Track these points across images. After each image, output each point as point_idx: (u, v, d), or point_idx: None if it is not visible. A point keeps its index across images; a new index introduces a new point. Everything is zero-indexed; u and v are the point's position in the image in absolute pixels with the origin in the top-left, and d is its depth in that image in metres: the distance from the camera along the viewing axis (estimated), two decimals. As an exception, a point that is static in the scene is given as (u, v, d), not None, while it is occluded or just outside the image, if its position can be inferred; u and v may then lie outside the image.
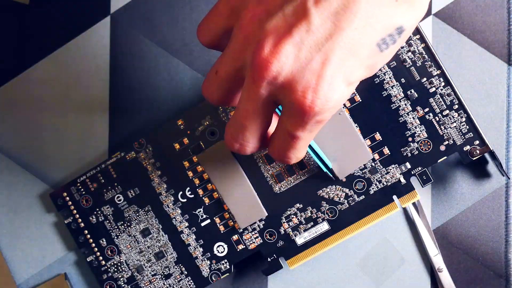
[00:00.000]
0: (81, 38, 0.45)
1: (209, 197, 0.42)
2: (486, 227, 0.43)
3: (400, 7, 0.30)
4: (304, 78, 0.29)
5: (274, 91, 0.30)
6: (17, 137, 0.45)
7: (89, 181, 0.43)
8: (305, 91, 0.29)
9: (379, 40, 0.30)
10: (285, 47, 0.29)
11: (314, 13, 0.29)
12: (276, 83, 0.30)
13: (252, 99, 0.31)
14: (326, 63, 0.29)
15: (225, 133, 0.33)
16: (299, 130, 0.31)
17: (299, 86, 0.30)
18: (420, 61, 0.40)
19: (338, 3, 0.29)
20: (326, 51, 0.29)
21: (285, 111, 0.31)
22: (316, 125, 0.31)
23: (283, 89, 0.30)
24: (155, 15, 0.44)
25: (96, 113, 0.45)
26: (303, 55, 0.29)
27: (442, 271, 0.43)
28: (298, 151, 0.33)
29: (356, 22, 0.29)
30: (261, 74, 0.29)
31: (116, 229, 0.43)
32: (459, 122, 0.40)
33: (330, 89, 0.30)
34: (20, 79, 0.45)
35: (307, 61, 0.29)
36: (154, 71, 0.44)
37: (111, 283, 0.43)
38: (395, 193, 0.41)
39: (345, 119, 0.40)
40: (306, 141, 0.32)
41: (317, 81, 0.29)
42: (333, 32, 0.29)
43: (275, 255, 0.42)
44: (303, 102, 0.30)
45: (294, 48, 0.29)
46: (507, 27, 0.43)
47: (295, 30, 0.29)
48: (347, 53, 0.29)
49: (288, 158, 0.33)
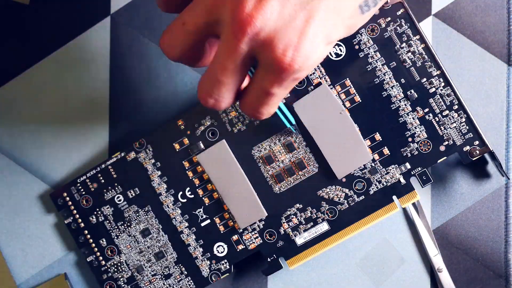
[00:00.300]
0: (81, 39, 0.45)
1: (209, 197, 0.42)
2: (486, 227, 0.43)
3: None
4: (287, 35, 0.29)
5: (254, 47, 0.30)
6: (17, 137, 0.45)
7: (89, 181, 0.43)
8: (286, 49, 0.29)
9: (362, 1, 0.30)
10: (269, 2, 0.28)
11: None
12: (257, 39, 0.29)
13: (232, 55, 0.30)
14: (310, 21, 0.29)
15: (198, 88, 0.32)
16: (275, 86, 0.31)
17: (280, 43, 0.29)
18: (420, 61, 0.40)
19: None
20: (311, 9, 0.29)
21: (263, 67, 0.30)
22: (293, 82, 0.31)
23: (264, 45, 0.29)
24: (155, 15, 0.44)
25: (96, 113, 0.45)
26: (287, 12, 0.29)
27: (442, 271, 0.43)
28: (271, 107, 0.32)
29: None
30: (243, 30, 0.29)
31: (116, 229, 0.43)
32: (459, 123, 0.40)
33: (311, 47, 0.29)
34: (20, 79, 0.45)
35: (290, 18, 0.29)
36: (154, 71, 0.45)
37: (111, 283, 0.43)
38: (395, 193, 0.41)
39: (346, 119, 0.40)
40: (280, 98, 0.32)
41: (299, 39, 0.29)
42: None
43: (275, 255, 0.42)
44: (282, 60, 0.29)
45: (278, 4, 0.29)
46: (507, 28, 0.43)
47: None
48: (331, 12, 0.29)
49: (260, 114, 0.33)
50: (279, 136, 0.41)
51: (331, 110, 0.40)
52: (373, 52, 0.41)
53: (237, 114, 0.42)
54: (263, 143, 0.42)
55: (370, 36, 0.40)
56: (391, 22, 0.40)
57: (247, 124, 0.42)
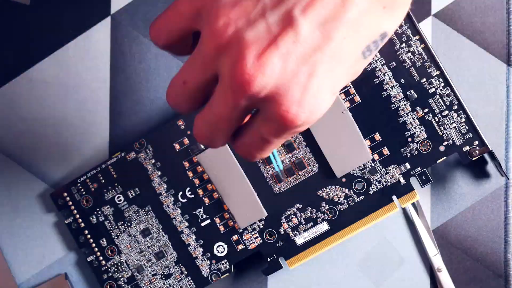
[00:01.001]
0: (81, 39, 0.45)
1: (209, 197, 0.43)
2: (486, 227, 0.43)
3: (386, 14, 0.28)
4: (289, 91, 0.28)
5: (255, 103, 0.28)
6: (17, 137, 0.45)
7: (89, 181, 0.43)
8: (290, 105, 0.28)
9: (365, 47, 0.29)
10: (270, 59, 0.27)
11: (302, 22, 0.27)
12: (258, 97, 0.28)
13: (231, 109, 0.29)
14: (313, 75, 0.28)
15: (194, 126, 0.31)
16: (274, 137, 0.29)
17: (283, 100, 0.28)
18: (420, 61, 0.40)
19: (326, 11, 0.27)
20: (314, 63, 0.27)
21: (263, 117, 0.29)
22: (294, 134, 0.29)
23: (265, 101, 0.28)
24: (155, 15, 0.44)
25: (96, 113, 0.45)
26: (289, 68, 0.27)
27: (442, 271, 0.43)
28: (265, 153, 0.31)
29: (345, 31, 0.27)
30: (243, 89, 0.27)
31: (116, 229, 0.43)
32: (458, 123, 0.41)
33: (315, 101, 0.28)
34: (21, 79, 0.45)
35: (292, 74, 0.27)
36: (154, 71, 0.45)
37: (111, 283, 0.43)
38: (395, 193, 0.41)
39: (348, 118, 0.40)
40: (276, 146, 0.30)
41: (302, 94, 0.28)
42: (321, 42, 0.27)
43: (275, 255, 0.42)
44: (286, 117, 0.28)
45: (280, 60, 0.27)
46: (507, 28, 0.43)
47: (281, 40, 0.27)
48: (334, 64, 0.28)
49: (253, 157, 0.31)
50: (279, 136, 0.42)
51: (333, 109, 0.40)
52: (373, 53, 0.41)
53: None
54: (263, 143, 0.42)
55: (370, 36, 0.41)
56: (391, 22, 0.40)
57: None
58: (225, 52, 0.28)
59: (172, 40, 0.30)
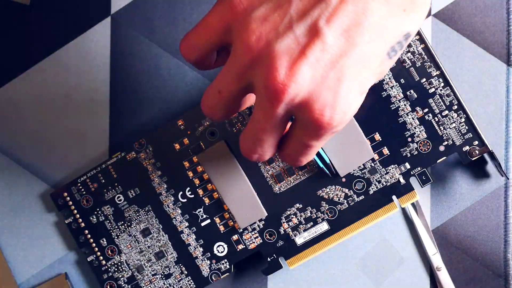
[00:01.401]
0: (81, 39, 0.45)
1: (209, 197, 0.43)
2: (485, 227, 0.43)
3: (408, 15, 0.30)
4: (321, 96, 0.30)
5: (290, 110, 0.30)
6: (17, 137, 0.45)
7: (89, 181, 0.43)
8: (323, 109, 0.30)
9: (389, 48, 0.30)
10: (301, 68, 0.29)
11: (327, 31, 0.29)
12: (293, 104, 0.30)
13: (269, 119, 0.31)
14: (342, 79, 0.29)
15: (241, 145, 0.33)
16: (314, 141, 0.31)
17: (316, 105, 0.30)
18: (420, 61, 0.40)
19: (349, 19, 0.29)
20: (341, 68, 0.29)
21: (300, 124, 0.31)
22: (331, 135, 0.31)
23: (300, 108, 0.30)
24: (155, 15, 0.44)
25: (96, 113, 0.45)
26: (319, 74, 0.29)
27: (441, 270, 0.43)
28: (310, 156, 0.33)
29: (368, 36, 0.29)
30: (278, 97, 0.29)
31: (116, 229, 0.43)
32: (458, 123, 0.41)
33: (347, 103, 0.30)
34: (21, 80, 0.45)
35: (322, 80, 0.29)
36: (154, 71, 0.45)
37: (111, 282, 0.44)
38: (395, 193, 0.41)
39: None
40: (319, 148, 0.33)
41: (334, 97, 0.30)
42: (346, 48, 0.29)
43: (275, 255, 0.42)
44: (321, 120, 0.30)
45: (310, 68, 0.29)
46: (506, 28, 0.43)
47: (309, 50, 0.29)
48: (361, 67, 0.30)
49: (300, 163, 0.34)
50: (279, 136, 0.42)
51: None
52: (373, 53, 0.41)
53: (236, 114, 0.42)
54: (263, 143, 0.42)
55: (370, 36, 0.41)
56: (390, 22, 0.40)
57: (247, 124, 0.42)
58: (258, 63, 0.30)
59: (203, 55, 0.32)
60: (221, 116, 0.33)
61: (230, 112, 0.33)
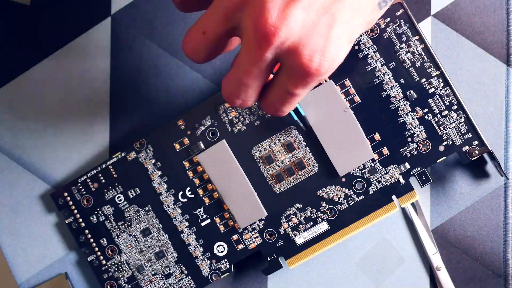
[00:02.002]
0: (82, 39, 0.45)
1: (209, 197, 0.43)
2: (485, 227, 0.43)
3: None
4: (312, 41, 0.29)
5: (279, 54, 0.29)
6: (17, 137, 0.45)
7: (89, 181, 0.43)
8: (313, 54, 0.29)
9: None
10: (293, 12, 0.28)
11: None
12: (282, 48, 0.29)
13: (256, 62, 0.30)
14: (333, 25, 0.29)
15: (223, 89, 0.32)
16: (299, 88, 0.31)
17: (306, 50, 0.29)
18: (419, 62, 0.40)
19: None
20: (333, 13, 0.29)
21: (287, 70, 0.30)
22: (317, 82, 0.31)
23: (289, 52, 0.29)
24: (155, 15, 0.44)
25: (96, 113, 0.45)
26: (311, 18, 0.29)
27: (441, 269, 0.43)
28: (292, 105, 0.32)
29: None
30: (268, 41, 0.28)
31: (116, 228, 0.43)
32: (458, 123, 0.41)
33: (336, 49, 0.29)
34: (21, 80, 0.45)
35: (314, 24, 0.29)
36: (154, 71, 0.45)
37: (111, 282, 0.44)
38: (394, 193, 0.41)
39: (350, 116, 0.40)
40: (302, 97, 0.32)
41: (324, 43, 0.29)
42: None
43: (275, 255, 0.42)
44: (309, 65, 0.29)
45: (302, 12, 0.28)
46: (506, 28, 0.43)
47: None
48: (352, 13, 0.29)
49: (282, 112, 0.33)
50: (279, 136, 0.42)
51: (335, 107, 0.40)
52: (373, 53, 0.41)
53: (237, 114, 0.42)
54: (263, 143, 0.42)
55: (370, 36, 0.41)
56: (390, 22, 0.40)
57: (247, 124, 0.42)
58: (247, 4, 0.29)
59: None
60: (203, 58, 0.32)
61: (212, 55, 0.32)
